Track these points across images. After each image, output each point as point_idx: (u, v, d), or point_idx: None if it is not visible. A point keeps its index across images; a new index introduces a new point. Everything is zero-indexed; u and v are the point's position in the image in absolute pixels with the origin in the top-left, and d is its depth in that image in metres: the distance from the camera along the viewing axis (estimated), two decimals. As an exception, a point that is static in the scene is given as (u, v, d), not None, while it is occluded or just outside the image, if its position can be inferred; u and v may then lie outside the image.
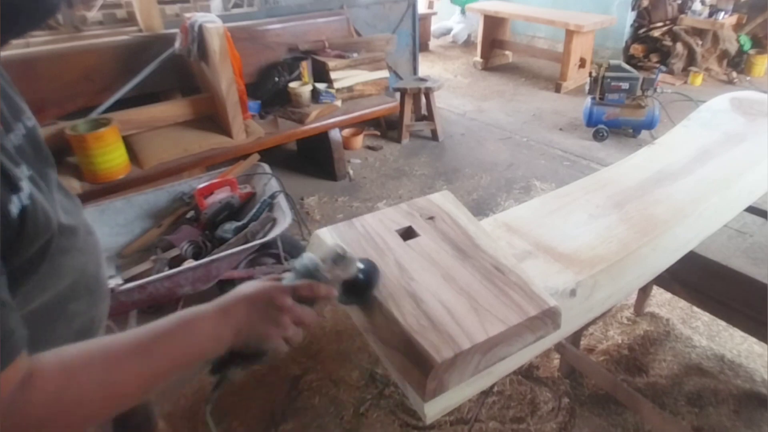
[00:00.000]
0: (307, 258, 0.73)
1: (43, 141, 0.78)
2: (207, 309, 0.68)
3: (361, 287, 0.79)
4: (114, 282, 1.85)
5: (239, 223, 2.14)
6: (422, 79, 4.11)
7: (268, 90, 3.37)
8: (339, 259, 0.73)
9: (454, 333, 0.71)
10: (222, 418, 1.86)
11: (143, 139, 2.74)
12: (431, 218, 0.98)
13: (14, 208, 0.55)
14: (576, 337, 1.89)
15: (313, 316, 0.73)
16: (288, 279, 0.74)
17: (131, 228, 2.22)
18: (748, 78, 5.40)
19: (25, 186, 0.59)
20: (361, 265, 0.78)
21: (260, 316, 0.68)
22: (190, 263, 1.90)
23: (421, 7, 6.93)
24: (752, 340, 2.02)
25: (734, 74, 5.34)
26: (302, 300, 0.71)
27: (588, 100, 4.09)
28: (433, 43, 7.18)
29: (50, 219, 0.64)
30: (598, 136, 4.07)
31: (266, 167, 2.44)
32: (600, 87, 3.95)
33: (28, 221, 0.58)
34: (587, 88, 4.07)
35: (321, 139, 3.46)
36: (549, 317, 0.78)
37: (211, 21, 2.61)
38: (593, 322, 2.11)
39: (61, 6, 0.68)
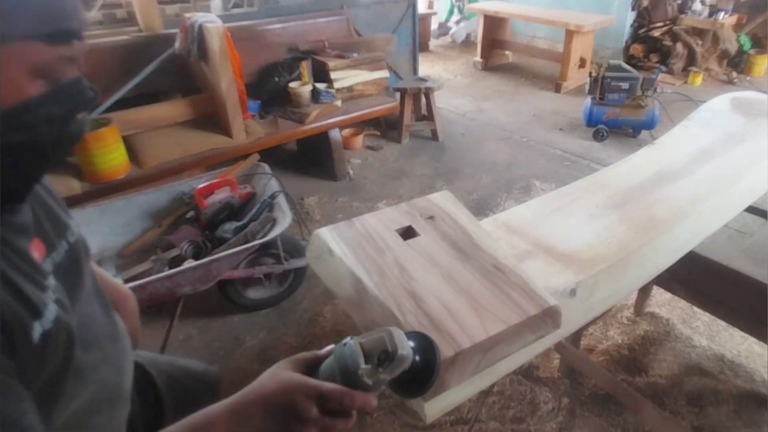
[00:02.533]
0: (350, 351, 0.59)
1: (83, 251, 0.81)
2: (219, 413, 0.61)
3: (416, 380, 0.61)
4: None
5: (239, 223, 2.14)
6: (422, 79, 4.11)
7: (268, 90, 3.37)
8: (385, 358, 0.57)
9: (455, 332, 0.71)
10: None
11: (143, 139, 2.74)
12: (431, 218, 0.98)
13: (36, 333, 0.57)
14: (576, 337, 1.89)
15: (347, 424, 0.60)
16: (324, 369, 0.62)
17: (131, 228, 2.22)
18: (748, 78, 5.40)
19: (50, 310, 0.60)
20: (412, 343, 0.60)
21: (280, 425, 0.60)
22: (190, 263, 1.90)
23: (421, 7, 6.92)
24: (752, 340, 2.02)
25: (734, 74, 5.34)
26: (333, 409, 0.59)
27: (588, 100, 4.09)
28: (433, 43, 7.18)
29: (73, 340, 0.64)
30: (598, 136, 4.07)
31: (266, 167, 2.44)
32: (600, 87, 3.95)
33: (49, 344, 0.59)
34: (587, 88, 4.07)
35: (321, 139, 3.46)
36: (549, 316, 0.78)
37: (211, 21, 2.61)
38: (593, 322, 2.11)
39: (81, 136, 0.69)
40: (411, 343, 0.60)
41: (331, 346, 0.63)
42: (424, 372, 0.60)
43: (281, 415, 0.59)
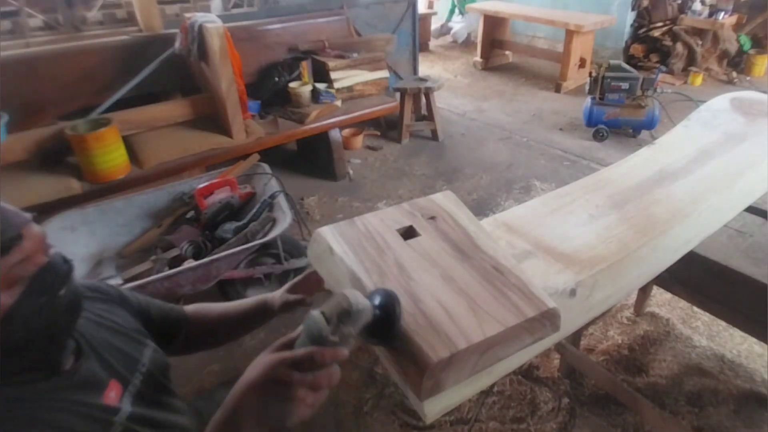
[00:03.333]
0: (312, 320, 0.66)
1: (159, 371, 0.94)
2: (218, 419, 0.68)
3: (382, 324, 0.69)
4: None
5: (239, 223, 2.14)
6: (422, 79, 4.11)
7: (268, 90, 3.37)
8: (344, 315, 0.64)
9: (451, 333, 0.71)
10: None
11: (143, 139, 2.74)
12: (432, 218, 0.98)
13: None
14: (576, 337, 1.89)
15: (331, 377, 0.67)
16: (297, 343, 0.69)
17: (131, 228, 2.22)
18: (748, 78, 5.40)
19: None
20: (376, 298, 0.70)
21: (273, 399, 0.66)
22: (190, 263, 1.90)
23: (421, 7, 6.93)
24: (752, 340, 2.02)
25: (734, 74, 5.34)
26: (311, 368, 0.66)
27: (588, 100, 4.09)
28: (433, 43, 7.18)
29: None
30: (598, 136, 4.07)
31: (266, 167, 2.44)
32: (600, 87, 3.95)
33: None
34: (587, 88, 4.07)
35: (321, 139, 3.46)
36: (548, 319, 0.77)
37: (211, 21, 2.61)
38: (593, 322, 2.11)
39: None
40: (376, 299, 0.70)
41: (301, 326, 0.69)
42: (386, 321, 0.69)
43: (271, 391, 0.66)
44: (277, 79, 3.35)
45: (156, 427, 0.84)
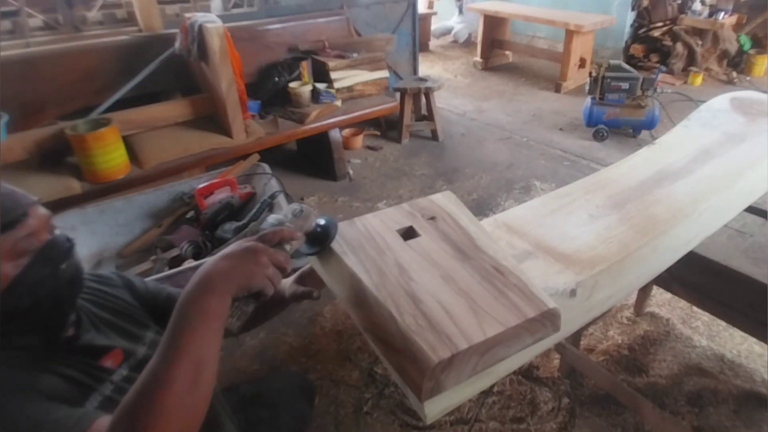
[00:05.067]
0: (272, 217, 0.88)
1: None
2: (194, 289, 0.72)
3: (320, 238, 0.89)
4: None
5: (239, 223, 2.14)
6: (422, 79, 4.11)
7: (268, 90, 3.37)
8: (298, 212, 0.87)
9: (452, 333, 0.71)
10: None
11: (143, 139, 2.74)
12: (432, 218, 0.98)
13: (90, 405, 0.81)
14: (576, 337, 1.89)
15: (286, 257, 0.80)
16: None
17: (131, 228, 2.22)
18: (748, 78, 5.40)
19: (101, 392, 0.85)
20: (321, 221, 0.90)
21: (241, 261, 0.74)
22: (190, 263, 1.90)
23: (421, 7, 6.93)
24: (752, 340, 2.02)
25: (734, 74, 5.34)
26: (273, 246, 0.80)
27: (588, 100, 4.09)
28: (433, 43, 7.18)
29: None
30: (598, 136, 4.07)
31: (266, 167, 2.44)
32: (600, 87, 3.95)
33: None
34: (587, 88, 4.07)
35: (321, 139, 3.46)
36: (548, 319, 0.77)
37: (211, 21, 2.61)
38: (593, 322, 2.11)
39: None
40: (321, 221, 0.91)
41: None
42: (323, 234, 0.90)
43: (239, 254, 0.75)
44: (277, 79, 3.35)
45: None
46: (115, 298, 1.02)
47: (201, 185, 2.25)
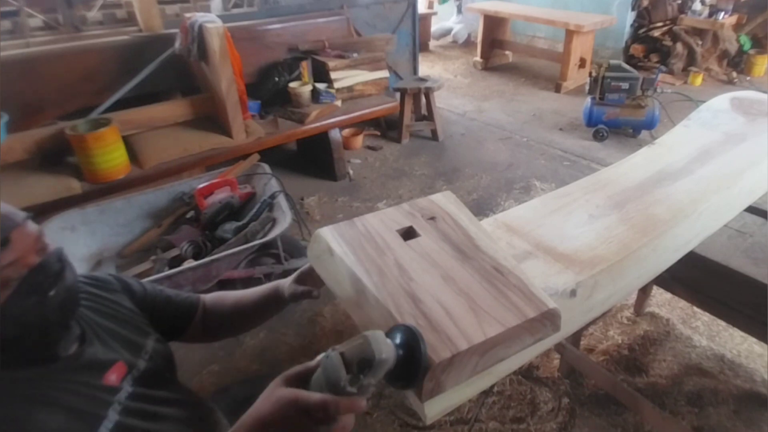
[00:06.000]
0: (331, 364, 0.61)
1: (161, 358, 0.97)
2: None
3: (404, 371, 0.64)
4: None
5: (239, 223, 2.14)
6: (422, 79, 4.11)
7: (268, 90, 3.37)
8: (365, 364, 0.59)
9: (452, 334, 0.71)
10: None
11: (143, 139, 2.74)
12: (432, 218, 0.98)
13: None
14: (576, 337, 1.89)
15: (344, 428, 0.64)
16: (314, 381, 0.65)
17: (131, 228, 2.22)
18: (748, 78, 5.40)
19: (110, 419, 0.78)
20: (397, 344, 0.63)
21: None
22: (190, 263, 1.90)
23: (421, 7, 6.93)
24: (752, 340, 2.02)
25: (734, 74, 5.34)
26: (324, 418, 0.62)
27: (588, 100, 4.09)
28: (433, 43, 7.18)
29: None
30: (598, 136, 4.07)
31: (266, 167, 2.44)
32: (600, 87, 3.95)
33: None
34: (587, 88, 4.07)
35: (321, 139, 3.46)
36: (548, 319, 0.77)
37: (211, 21, 2.61)
38: (593, 322, 2.11)
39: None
40: (397, 338, 0.64)
41: (321, 356, 0.65)
42: (410, 364, 0.63)
43: (279, 430, 0.65)
44: (277, 79, 3.35)
45: (157, 407, 0.86)
46: (114, 304, 0.98)
47: (201, 185, 2.25)
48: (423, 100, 4.17)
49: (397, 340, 0.64)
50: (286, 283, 1.11)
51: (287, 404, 0.64)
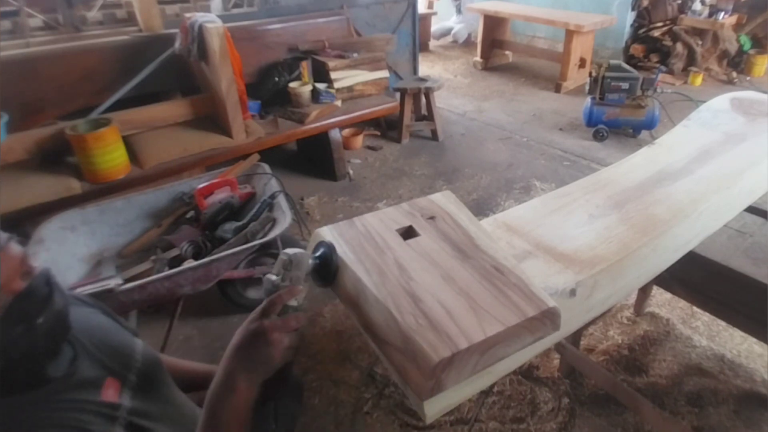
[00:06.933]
0: (265, 281, 0.80)
1: (152, 365, 0.95)
2: (219, 391, 0.74)
3: (325, 270, 0.87)
4: (114, 282, 1.85)
5: (239, 223, 2.14)
6: (422, 79, 4.11)
7: (268, 90, 3.37)
8: (288, 263, 0.80)
9: (452, 333, 0.71)
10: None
11: (143, 139, 2.74)
12: (432, 218, 0.98)
13: None
14: (576, 337, 1.89)
15: (297, 317, 0.78)
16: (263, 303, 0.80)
17: (131, 228, 2.22)
18: (748, 78, 5.40)
19: None
20: (315, 254, 0.87)
21: (254, 350, 0.74)
22: (190, 263, 1.90)
23: (421, 7, 6.93)
24: (752, 340, 2.02)
25: (734, 74, 5.34)
26: (279, 313, 0.78)
27: (588, 100, 4.09)
28: (433, 43, 7.18)
29: None
30: (598, 136, 4.07)
31: (266, 167, 2.44)
32: (600, 87, 3.95)
33: None
34: (587, 88, 4.07)
35: (321, 139, 3.46)
36: (548, 318, 0.77)
37: (211, 21, 2.61)
38: (593, 322, 2.11)
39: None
40: (318, 250, 0.88)
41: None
42: (324, 265, 0.87)
43: (250, 344, 0.74)
44: (277, 79, 3.35)
45: (157, 419, 0.86)
46: (98, 316, 0.96)
47: (201, 185, 2.25)
48: (423, 100, 4.17)
49: (316, 252, 0.88)
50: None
51: (246, 322, 0.76)
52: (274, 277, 0.80)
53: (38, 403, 0.71)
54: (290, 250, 0.82)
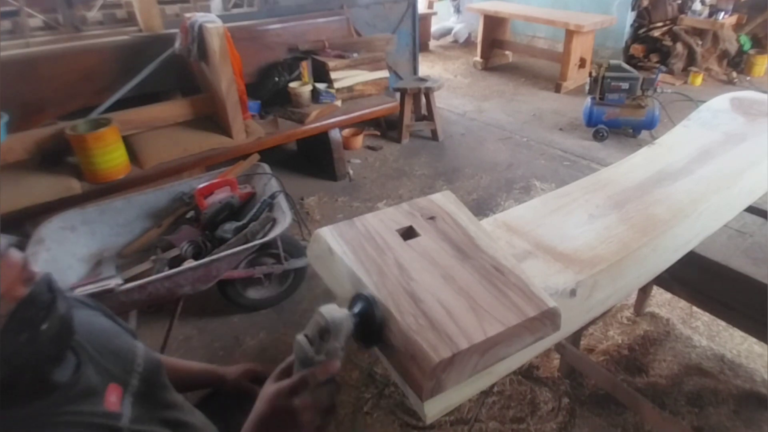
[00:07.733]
0: (297, 345, 0.70)
1: (153, 369, 0.93)
2: None
3: (366, 333, 0.75)
4: (114, 282, 1.85)
5: (239, 223, 2.14)
6: (422, 79, 4.11)
7: (268, 90, 3.37)
8: (324, 332, 0.68)
9: (453, 333, 0.71)
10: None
11: (143, 139, 2.74)
12: (432, 218, 0.98)
13: None
14: (576, 337, 1.89)
15: (331, 392, 0.72)
16: (296, 367, 0.72)
17: (131, 228, 2.22)
18: (748, 78, 5.40)
19: None
20: (354, 312, 0.74)
21: (283, 429, 0.70)
22: (190, 263, 1.90)
23: (421, 7, 6.92)
24: (752, 340, 2.02)
25: (734, 74, 5.34)
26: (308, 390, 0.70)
27: (588, 100, 4.09)
28: (433, 43, 7.18)
29: None
30: (598, 136, 4.07)
31: (266, 167, 2.44)
32: (600, 87, 3.95)
33: None
34: (587, 88, 4.07)
35: (321, 139, 3.46)
36: (548, 318, 0.77)
37: (211, 21, 2.61)
38: (593, 322, 2.11)
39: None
40: (356, 306, 0.75)
41: None
42: (367, 325, 0.74)
43: (279, 422, 0.70)
44: (277, 79, 3.35)
45: (156, 425, 0.85)
46: (99, 319, 0.94)
47: (201, 185, 2.25)
48: (423, 100, 4.17)
49: (356, 309, 0.75)
50: (231, 371, 1.16)
51: (275, 396, 0.70)
52: (308, 347, 0.68)
53: (41, 417, 0.69)
54: (327, 311, 0.68)
